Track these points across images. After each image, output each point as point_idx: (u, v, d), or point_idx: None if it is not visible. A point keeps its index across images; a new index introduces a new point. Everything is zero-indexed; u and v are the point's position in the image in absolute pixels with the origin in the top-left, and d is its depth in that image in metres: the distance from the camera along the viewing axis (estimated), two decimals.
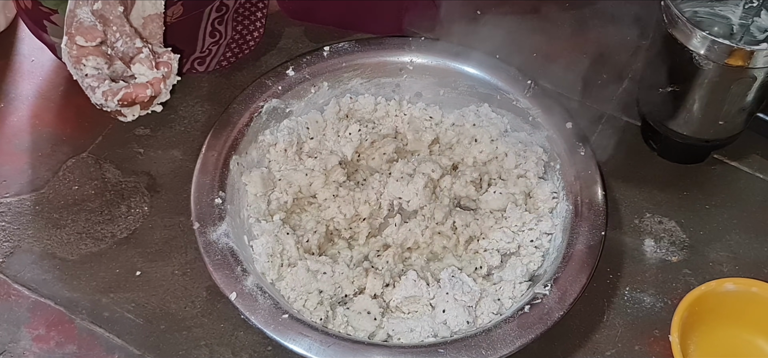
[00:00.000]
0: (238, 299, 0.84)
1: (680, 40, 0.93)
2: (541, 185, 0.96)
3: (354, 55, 1.04)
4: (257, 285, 0.85)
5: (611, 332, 0.92)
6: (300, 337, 0.81)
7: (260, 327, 0.82)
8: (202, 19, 1.06)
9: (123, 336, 0.90)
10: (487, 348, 0.81)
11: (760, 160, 1.06)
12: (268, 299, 0.84)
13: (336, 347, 0.81)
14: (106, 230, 0.98)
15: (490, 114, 1.02)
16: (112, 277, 0.94)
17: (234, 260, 0.86)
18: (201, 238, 0.88)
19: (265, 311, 0.83)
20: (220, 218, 0.90)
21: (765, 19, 0.96)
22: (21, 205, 1.00)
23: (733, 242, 0.99)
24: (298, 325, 0.82)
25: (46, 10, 1.00)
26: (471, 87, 1.03)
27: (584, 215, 0.91)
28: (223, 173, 0.93)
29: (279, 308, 0.83)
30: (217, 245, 0.87)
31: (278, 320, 0.82)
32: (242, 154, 0.96)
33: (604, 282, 0.95)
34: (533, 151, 0.98)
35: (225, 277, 0.85)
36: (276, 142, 0.99)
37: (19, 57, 1.16)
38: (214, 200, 0.91)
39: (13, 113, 1.09)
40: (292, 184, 0.96)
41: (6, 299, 0.92)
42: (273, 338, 0.82)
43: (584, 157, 0.95)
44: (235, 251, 0.87)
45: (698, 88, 0.96)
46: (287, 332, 0.82)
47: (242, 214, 0.93)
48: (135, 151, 1.05)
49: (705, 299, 0.88)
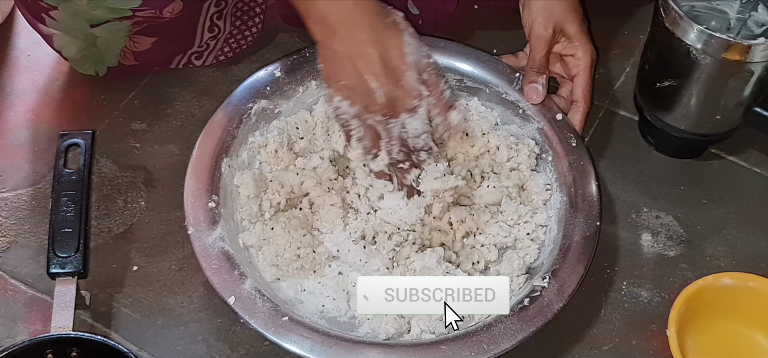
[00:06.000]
0: (236, 303, 0.84)
1: (677, 35, 0.93)
2: (534, 177, 0.96)
3: None
4: (255, 288, 0.85)
5: (608, 326, 0.92)
6: (301, 339, 0.82)
7: (260, 330, 0.83)
8: (200, 14, 1.06)
9: (120, 331, 0.90)
10: (488, 343, 0.81)
11: (758, 155, 1.06)
12: (267, 302, 0.84)
13: (338, 348, 0.81)
14: (102, 225, 0.97)
15: (480, 107, 1.02)
16: (109, 272, 0.94)
17: (230, 264, 0.86)
18: (196, 243, 0.88)
19: (265, 314, 0.83)
20: (214, 222, 0.89)
21: (762, 14, 0.96)
22: (18, 200, 1.00)
23: (730, 236, 0.99)
24: (298, 327, 0.83)
25: (46, 6, 0.99)
26: (460, 81, 1.03)
27: (579, 206, 0.91)
28: (216, 176, 0.93)
29: (278, 310, 0.84)
30: (213, 250, 0.87)
31: (278, 322, 0.83)
32: (233, 157, 0.95)
33: (601, 277, 0.95)
34: (525, 144, 0.97)
35: (223, 281, 0.85)
36: (266, 143, 0.98)
37: (16, 51, 1.15)
38: (207, 204, 0.90)
39: (9, 108, 1.09)
40: (284, 184, 0.95)
41: (2, 294, 0.92)
42: (274, 340, 0.82)
43: (576, 147, 0.95)
44: (230, 254, 0.87)
45: (695, 83, 0.96)
46: (288, 334, 0.82)
47: (236, 216, 0.93)
48: (131, 146, 1.05)
49: (702, 294, 0.88)
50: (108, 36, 1.03)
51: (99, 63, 1.08)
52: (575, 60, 0.98)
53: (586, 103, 0.98)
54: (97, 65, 1.08)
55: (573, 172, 0.93)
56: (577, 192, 0.92)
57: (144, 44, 1.06)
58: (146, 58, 1.08)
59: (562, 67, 1.01)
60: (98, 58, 1.07)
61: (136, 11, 0.98)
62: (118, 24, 1.01)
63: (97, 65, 1.08)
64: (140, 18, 1.00)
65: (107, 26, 1.01)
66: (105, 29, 1.02)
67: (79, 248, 0.88)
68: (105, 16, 0.99)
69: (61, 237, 0.88)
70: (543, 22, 0.97)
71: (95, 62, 1.08)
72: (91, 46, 1.05)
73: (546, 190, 0.95)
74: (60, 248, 0.88)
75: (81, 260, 0.87)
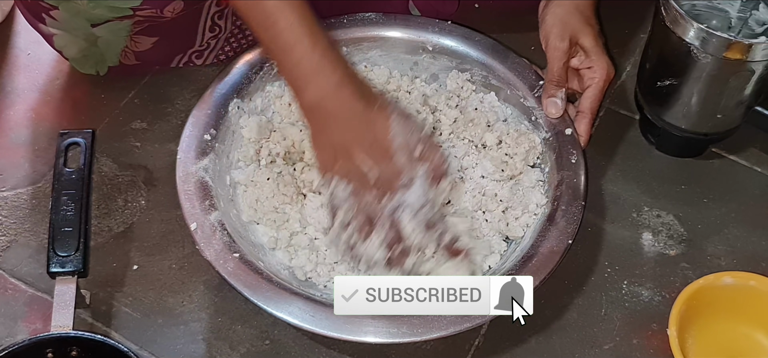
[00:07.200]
0: (196, 230, 0.86)
1: (678, 34, 0.93)
2: (527, 171, 0.96)
3: (377, 27, 1.04)
4: (220, 222, 0.87)
5: (609, 325, 0.92)
6: (244, 275, 0.84)
7: (208, 260, 0.85)
8: (202, 14, 1.06)
9: (120, 330, 0.90)
10: (420, 326, 0.82)
11: (758, 154, 1.06)
12: (226, 236, 0.86)
13: (272, 294, 0.83)
14: (102, 224, 0.97)
15: (494, 103, 1.02)
16: (109, 271, 0.94)
17: (204, 193, 0.89)
18: (180, 167, 0.91)
19: (218, 247, 0.85)
20: (204, 153, 0.92)
21: (763, 13, 0.96)
22: (18, 199, 1.00)
23: (731, 235, 0.99)
24: (245, 266, 0.84)
25: (47, 6, 0.99)
26: (485, 77, 1.03)
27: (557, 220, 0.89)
28: (220, 113, 0.96)
29: (231, 248, 0.85)
30: (193, 177, 0.90)
31: (227, 257, 0.85)
32: (245, 100, 0.98)
33: (602, 276, 0.95)
34: (527, 139, 0.97)
35: (191, 207, 0.88)
36: (282, 95, 1.00)
37: (16, 50, 1.15)
38: (203, 136, 0.93)
39: (9, 107, 1.09)
40: (286, 137, 0.97)
41: (3, 293, 0.92)
42: (219, 272, 0.84)
43: (575, 164, 0.94)
44: (208, 185, 0.90)
45: (696, 82, 0.95)
46: (235, 271, 0.84)
47: (231, 155, 0.95)
48: (132, 145, 1.05)
49: (703, 293, 0.88)
50: (109, 36, 1.03)
51: (100, 63, 1.08)
52: (591, 73, 0.98)
53: (592, 115, 0.98)
54: (98, 65, 1.08)
55: (562, 188, 0.92)
56: (560, 207, 0.90)
57: (145, 44, 1.06)
58: (147, 57, 1.08)
59: (579, 83, 1.01)
60: (99, 58, 1.07)
61: (136, 10, 0.98)
62: (119, 23, 1.01)
63: (98, 65, 1.08)
64: (141, 17, 1.00)
65: (108, 26, 1.01)
66: (106, 29, 1.02)
67: (79, 247, 0.88)
68: (105, 16, 0.99)
69: (61, 236, 0.88)
70: (559, 34, 0.98)
71: (96, 62, 1.08)
72: (91, 45, 1.05)
73: (538, 182, 0.95)
74: (60, 247, 0.88)
75: (81, 259, 0.87)
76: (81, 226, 0.89)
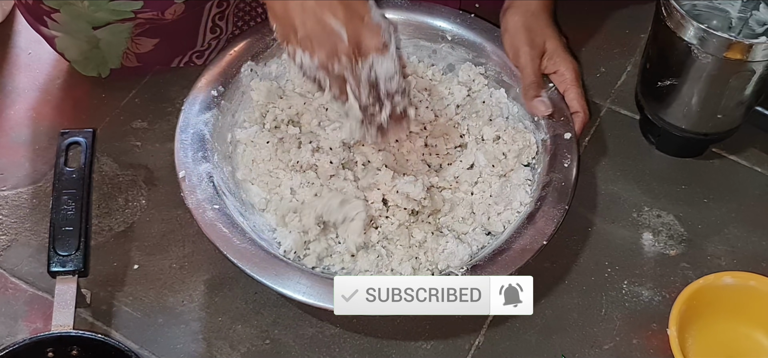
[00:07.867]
0: (183, 179, 0.89)
1: (678, 33, 0.93)
2: (518, 169, 0.96)
3: (400, 11, 1.05)
4: (208, 174, 0.90)
5: (609, 325, 0.92)
6: (219, 226, 0.86)
7: (189, 206, 0.87)
8: (202, 15, 1.06)
9: (121, 330, 0.90)
10: None
11: (759, 154, 1.06)
12: (210, 188, 0.89)
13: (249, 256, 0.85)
14: (103, 223, 0.97)
15: (502, 99, 1.02)
16: (110, 270, 0.94)
17: (199, 145, 0.92)
18: (182, 116, 0.94)
19: (202, 196, 0.88)
20: (207, 107, 0.95)
21: (764, 13, 0.96)
22: (18, 198, 1.00)
23: (731, 235, 0.99)
24: (223, 218, 0.86)
25: (48, 9, 0.99)
26: (498, 73, 1.03)
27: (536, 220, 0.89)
28: (231, 72, 0.99)
29: (213, 200, 0.88)
30: (191, 127, 0.93)
31: (208, 207, 0.87)
32: (260, 64, 1.01)
33: (603, 276, 0.95)
34: (523, 138, 0.97)
35: (183, 156, 0.91)
36: None
37: (17, 50, 1.16)
38: (210, 91, 0.96)
39: (10, 106, 1.09)
40: (291, 105, 0.99)
41: (3, 292, 0.92)
42: (197, 220, 0.86)
43: (567, 168, 0.93)
44: (205, 138, 0.93)
45: (696, 82, 0.95)
46: (212, 221, 0.86)
47: (237, 115, 0.99)
48: (132, 144, 1.05)
49: (703, 293, 0.88)
50: (110, 38, 1.04)
51: (101, 65, 1.08)
52: (559, 76, 1.00)
53: (585, 112, 0.98)
54: (100, 67, 1.08)
55: (548, 189, 0.92)
56: (542, 208, 0.90)
57: (146, 45, 1.06)
58: (149, 59, 1.08)
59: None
60: (101, 60, 1.07)
61: (137, 13, 0.98)
62: (120, 26, 1.01)
63: (99, 67, 1.08)
64: (142, 20, 1.00)
65: (109, 28, 1.01)
66: (107, 31, 1.02)
67: (79, 246, 0.88)
68: (107, 18, 0.99)
69: (61, 235, 0.88)
70: (526, 40, 0.99)
71: (98, 64, 1.08)
72: (93, 48, 1.05)
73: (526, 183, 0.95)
74: (61, 246, 0.88)
75: (81, 259, 0.87)
76: (81, 225, 0.89)
